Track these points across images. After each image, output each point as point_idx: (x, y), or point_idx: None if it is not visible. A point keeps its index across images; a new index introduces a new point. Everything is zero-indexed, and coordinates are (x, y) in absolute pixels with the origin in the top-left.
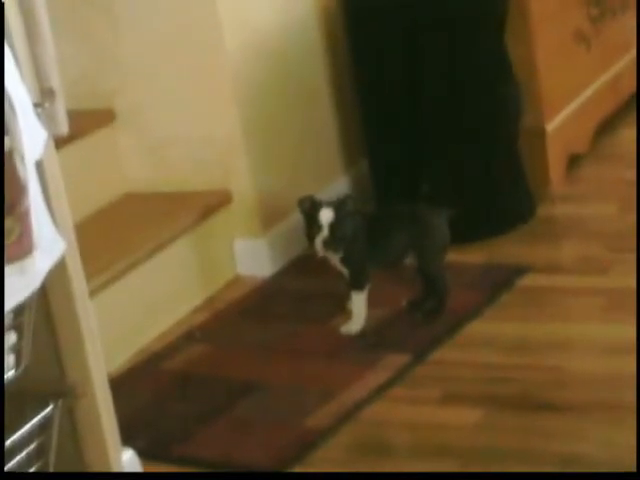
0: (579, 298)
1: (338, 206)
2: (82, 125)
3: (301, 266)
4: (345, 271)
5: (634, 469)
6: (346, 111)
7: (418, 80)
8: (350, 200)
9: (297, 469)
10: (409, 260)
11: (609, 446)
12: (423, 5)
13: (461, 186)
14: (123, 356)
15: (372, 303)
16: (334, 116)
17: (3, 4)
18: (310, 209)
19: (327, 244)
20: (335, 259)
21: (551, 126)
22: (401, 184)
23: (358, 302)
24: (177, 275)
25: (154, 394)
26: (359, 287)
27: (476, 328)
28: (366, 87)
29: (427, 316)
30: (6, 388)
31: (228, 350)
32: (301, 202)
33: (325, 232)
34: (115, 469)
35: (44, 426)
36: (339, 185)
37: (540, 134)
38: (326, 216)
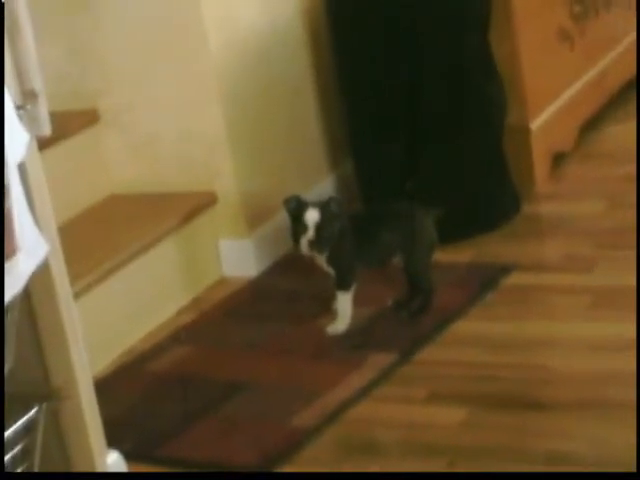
0: (565, 296)
1: (324, 207)
2: (66, 126)
3: (287, 266)
4: (331, 271)
5: (621, 467)
6: (331, 111)
7: (402, 80)
8: (335, 201)
9: (284, 468)
10: (396, 260)
11: (595, 444)
12: (406, 5)
13: (446, 185)
14: (109, 357)
15: (358, 302)
16: (319, 116)
17: (3, 4)
18: (296, 209)
19: (313, 244)
20: (321, 259)
21: (535, 124)
22: (386, 183)
23: (344, 302)
24: (162, 276)
25: (140, 395)
26: (345, 287)
27: (462, 327)
28: (350, 87)
29: (413, 315)
30: None
31: (214, 350)
32: (287, 202)
33: (311, 232)
34: (101, 471)
35: (29, 428)
36: (324, 185)
37: (525, 132)
38: (312, 216)
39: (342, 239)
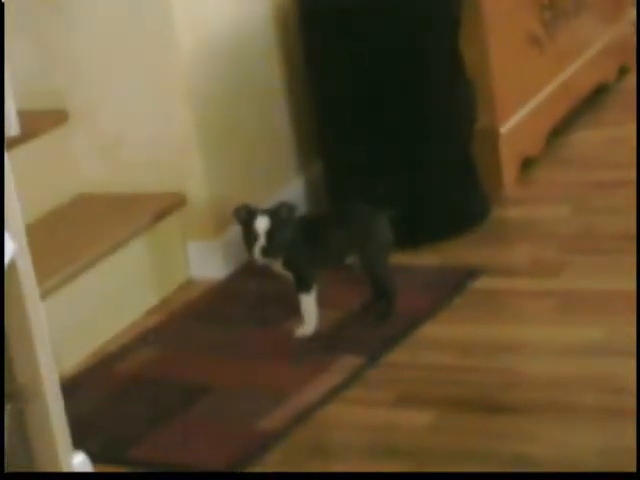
0: (532, 300)
1: (274, 213)
2: (34, 125)
3: (255, 269)
4: (289, 275)
5: (585, 469)
6: (301, 112)
7: (372, 81)
8: (286, 207)
9: (251, 471)
10: (352, 260)
11: (559, 447)
12: (376, 7)
13: (414, 188)
14: (76, 358)
15: (326, 305)
16: (289, 117)
17: (3, 4)
18: (246, 218)
19: (265, 252)
20: (277, 265)
21: (504, 128)
22: (355, 185)
23: (307, 304)
24: (131, 277)
25: (107, 396)
26: (305, 289)
27: (429, 330)
28: (320, 88)
29: (377, 318)
30: None
31: (182, 352)
32: (237, 211)
33: (262, 240)
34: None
35: None
36: (293, 187)
37: (493, 136)
38: (262, 224)
39: (296, 243)
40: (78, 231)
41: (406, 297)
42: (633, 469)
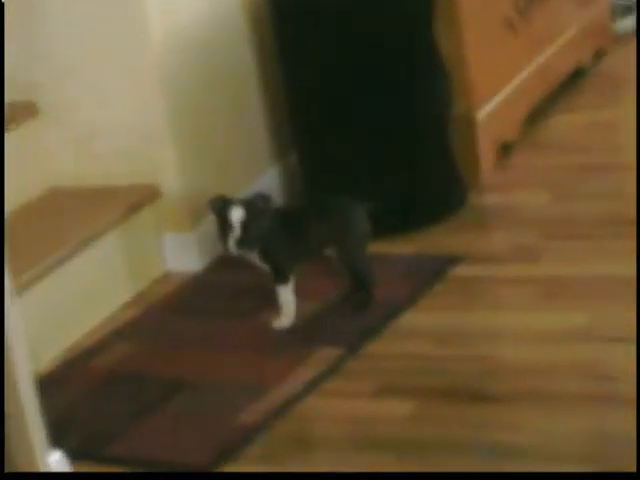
0: (512, 287)
1: (249, 204)
2: (5, 118)
3: (231, 261)
4: (265, 267)
5: (569, 458)
6: (275, 102)
7: (346, 69)
8: (261, 197)
9: (232, 465)
10: (330, 251)
11: (542, 435)
12: None
13: (391, 175)
14: (52, 353)
15: (303, 296)
16: (263, 107)
17: (3, 4)
18: (221, 209)
19: (240, 243)
20: (253, 256)
21: (481, 115)
22: (331, 175)
23: (285, 295)
24: (105, 271)
25: (85, 392)
26: (283, 280)
27: (409, 319)
28: (294, 77)
29: (356, 309)
30: None
31: (158, 347)
32: (212, 202)
33: (237, 231)
34: (42, 471)
35: None
36: (269, 178)
37: (470, 122)
38: (237, 215)
39: (272, 234)
40: (51, 225)
41: (385, 286)
42: (618, 456)
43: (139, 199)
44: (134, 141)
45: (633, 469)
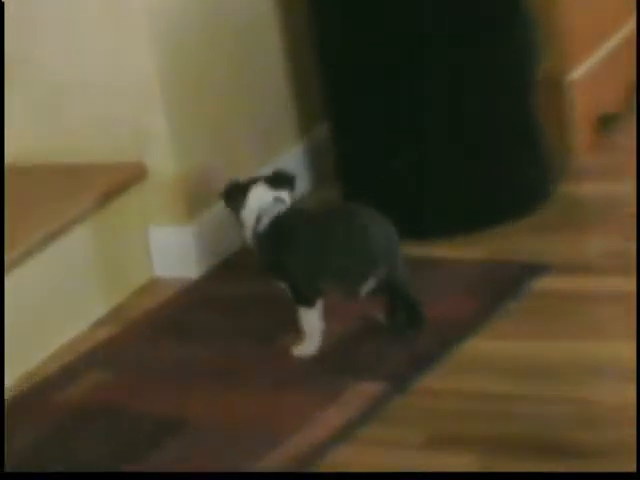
0: (612, 305)
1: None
2: None
3: (238, 266)
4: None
5: None
6: (298, 55)
7: (403, 28)
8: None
9: None
10: None
11: None
12: None
13: (453, 161)
14: (6, 382)
15: (330, 315)
16: (282, 63)
17: (3, 4)
18: (241, 201)
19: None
20: None
21: (575, 77)
22: (370, 158)
23: (308, 320)
24: (75, 276)
25: (45, 433)
26: (305, 303)
27: (473, 347)
28: (328, 22)
29: (403, 332)
30: None
31: (142, 377)
32: (227, 194)
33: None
34: None
35: None
36: (288, 157)
37: (561, 88)
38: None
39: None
40: (6, 214)
41: (442, 303)
42: None
43: (119, 181)
44: (115, 105)
45: None
